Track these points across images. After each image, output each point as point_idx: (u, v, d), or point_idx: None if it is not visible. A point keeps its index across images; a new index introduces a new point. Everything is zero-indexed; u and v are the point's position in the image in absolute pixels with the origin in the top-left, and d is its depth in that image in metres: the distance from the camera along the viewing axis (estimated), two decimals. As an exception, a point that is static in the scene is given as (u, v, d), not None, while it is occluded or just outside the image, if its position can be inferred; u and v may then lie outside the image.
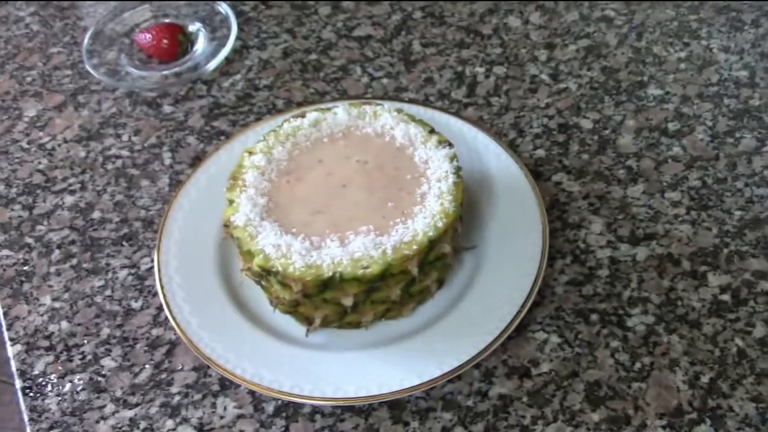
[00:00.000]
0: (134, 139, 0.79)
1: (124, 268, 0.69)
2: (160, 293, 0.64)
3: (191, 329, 0.63)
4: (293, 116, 0.67)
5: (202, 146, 0.77)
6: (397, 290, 0.59)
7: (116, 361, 0.63)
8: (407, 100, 0.79)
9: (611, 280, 0.65)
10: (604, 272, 0.66)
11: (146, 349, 0.64)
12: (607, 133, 0.75)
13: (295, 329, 0.63)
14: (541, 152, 0.74)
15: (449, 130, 0.71)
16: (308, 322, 0.62)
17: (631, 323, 0.63)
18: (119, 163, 0.77)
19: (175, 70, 0.84)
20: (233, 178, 0.63)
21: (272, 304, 0.63)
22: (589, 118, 0.77)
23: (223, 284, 0.66)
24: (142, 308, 0.66)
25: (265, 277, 0.59)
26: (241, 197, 0.61)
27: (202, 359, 0.61)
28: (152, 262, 0.69)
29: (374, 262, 0.57)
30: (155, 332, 0.65)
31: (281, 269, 0.57)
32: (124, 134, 0.79)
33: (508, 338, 0.60)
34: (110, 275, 0.69)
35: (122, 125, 0.80)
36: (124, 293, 0.67)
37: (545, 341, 0.62)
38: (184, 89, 0.83)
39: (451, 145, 0.64)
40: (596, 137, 0.75)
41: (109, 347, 0.64)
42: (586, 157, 0.74)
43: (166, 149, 0.78)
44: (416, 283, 0.60)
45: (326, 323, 0.61)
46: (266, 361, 0.61)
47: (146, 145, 0.78)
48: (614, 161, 0.73)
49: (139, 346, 0.64)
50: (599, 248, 0.67)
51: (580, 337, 0.62)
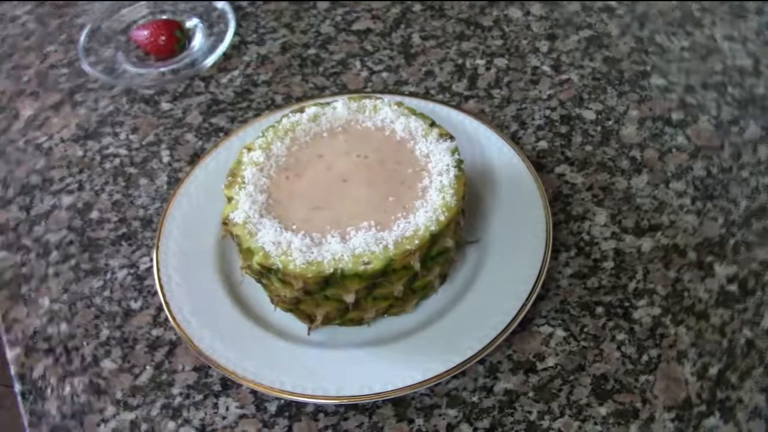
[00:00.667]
0: (132, 137, 0.78)
1: (123, 268, 0.68)
2: (159, 293, 0.63)
3: (191, 329, 0.62)
4: (292, 111, 0.66)
5: (200, 143, 0.76)
6: (399, 286, 0.59)
7: (116, 362, 0.63)
8: (407, 93, 0.78)
9: (616, 272, 0.65)
10: (609, 264, 0.65)
11: (146, 350, 0.63)
12: (610, 123, 0.74)
13: (296, 327, 0.62)
14: (543, 144, 0.73)
15: (450, 123, 0.70)
16: (310, 319, 0.61)
17: (637, 315, 0.62)
18: (117, 161, 0.76)
19: (172, 66, 0.83)
20: (232, 175, 0.62)
21: (273, 302, 0.62)
22: (591, 109, 0.76)
23: (223, 283, 0.65)
24: (141, 309, 0.66)
25: (265, 274, 0.58)
26: (240, 194, 0.60)
27: (202, 359, 0.60)
28: (151, 261, 0.68)
29: (375, 257, 0.56)
30: (155, 333, 0.64)
31: (282, 266, 0.56)
32: (121, 132, 0.78)
33: (512, 333, 0.60)
34: (109, 276, 0.68)
35: (120, 123, 0.79)
36: (123, 294, 0.67)
37: (550, 335, 0.62)
38: (182, 86, 0.82)
39: (452, 138, 0.63)
40: (599, 128, 0.74)
41: (108, 349, 0.63)
42: (589, 148, 0.73)
43: (164, 147, 0.77)
44: (419, 278, 0.59)
45: (328, 320, 0.60)
46: (268, 360, 0.60)
47: (144, 143, 0.77)
48: (618, 152, 0.72)
49: (139, 347, 0.63)
50: (604, 240, 0.66)
51: (585, 330, 0.62)
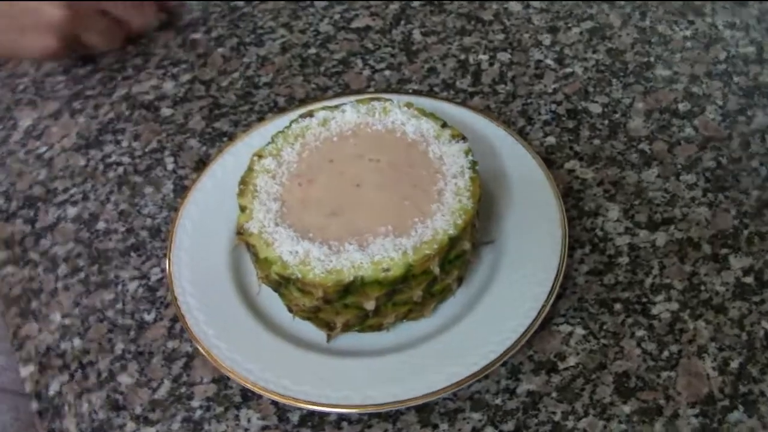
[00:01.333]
0: (134, 144, 0.77)
1: (134, 279, 0.67)
2: (174, 304, 0.62)
3: (209, 341, 0.61)
4: (300, 116, 0.65)
5: (204, 149, 0.76)
6: (419, 291, 0.58)
7: (133, 377, 0.62)
8: (411, 91, 0.78)
9: (632, 267, 0.64)
10: (624, 260, 0.65)
11: (163, 363, 0.62)
12: (617, 116, 0.74)
13: (315, 335, 0.62)
14: (551, 139, 0.73)
15: (460, 122, 0.69)
16: (329, 327, 0.61)
17: (655, 311, 0.62)
18: (121, 170, 0.75)
19: None
20: (243, 183, 0.61)
21: (291, 310, 0.61)
22: (597, 102, 0.75)
23: (238, 292, 0.64)
24: (155, 320, 0.65)
25: (283, 284, 0.58)
26: (253, 203, 0.60)
27: (221, 371, 0.59)
28: (162, 272, 0.67)
29: (395, 264, 0.55)
30: (171, 345, 0.63)
31: (301, 276, 0.55)
32: (123, 140, 0.77)
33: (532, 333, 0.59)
34: (120, 288, 0.67)
35: (121, 131, 0.78)
36: (135, 306, 0.66)
37: (570, 334, 0.61)
38: (182, 90, 0.80)
39: (464, 138, 0.62)
40: (606, 122, 0.74)
41: (124, 363, 0.63)
42: (597, 142, 0.72)
43: (167, 153, 0.76)
44: (438, 282, 0.59)
45: (347, 327, 0.60)
46: (288, 369, 0.60)
47: (147, 150, 0.76)
48: (626, 145, 0.72)
49: (155, 360, 0.63)
50: (618, 235, 0.66)
51: (605, 327, 0.61)
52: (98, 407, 0.60)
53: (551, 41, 0.81)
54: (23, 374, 0.63)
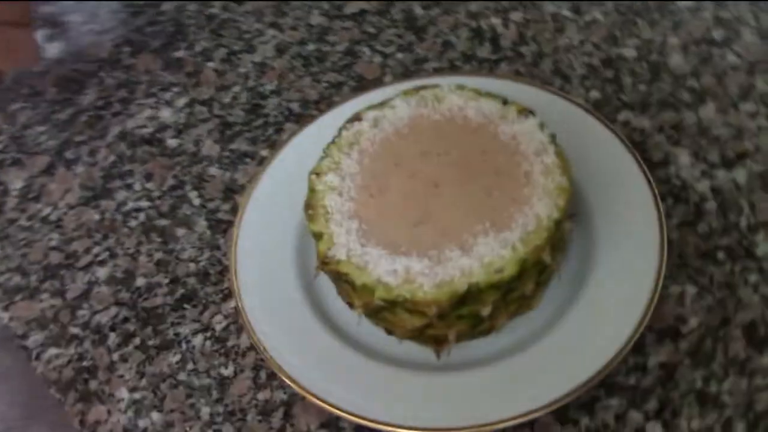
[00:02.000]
0: (148, 185, 0.70)
1: (196, 334, 0.61)
2: (260, 351, 0.56)
3: (307, 381, 0.55)
4: (348, 121, 0.59)
5: (228, 174, 0.69)
6: (531, 284, 0.54)
7: (233, 440, 0.56)
8: (432, 70, 0.72)
9: (722, 211, 0.61)
10: (711, 205, 0.62)
11: (260, 418, 0.57)
12: (654, 57, 0.70)
13: (414, 355, 0.57)
14: (595, 93, 0.69)
15: (516, 96, 0.64)
16: (437, 342, 0.56)
17: (760, 252, 0.59)
18: (143, 216, 0.68)
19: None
20: (310, 207, 0.55)
21: (390, 333, 0.56)
22: (629, 45, 0.72)
23: (323, 324, 0.58)
24: (236, 374, 0.59)
25: (388, 308, 0.52)
26: (329, 226, 0.54)
27: (330, 411, 0.54)
28: (226, 318, 0.61)
29: (507, 262, 0.51)
30: (262, 396, 0.58)
31: (410, 296, 0.50)
32: (135, 183, 0.70)
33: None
34: (185, 346, 0.61)
35: (129, 173, 0.71)
36: (208, 362, 0.59)
37: (682, 294, 0.58)
38: (182, 116, 0.73)
39: (533, 112, 0.58)
40: (645, 64, 0.70)
41: (217, 428, 0.56)
42: (643, 87, 0.69)
43: (189, 188, 0.69)
44: (546, 270, 0.55)
45: (459, 339, 0.55)
46: (399, 396, 0.55)
47: (165, 188, 0.69)
48: (674, 85, 0.68)
49: (250, 417, 0.57)
50: (696, 181, 0.63)
51: (715, 280, 0.58)
52: (205, 483, 0.54)
53: (561, -10, 0.77)
54: (106, 465, 0.57)
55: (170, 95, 0.75)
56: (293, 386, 0.54)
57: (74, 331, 0.63)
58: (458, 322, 0.53)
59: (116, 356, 0.61)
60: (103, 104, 0.76)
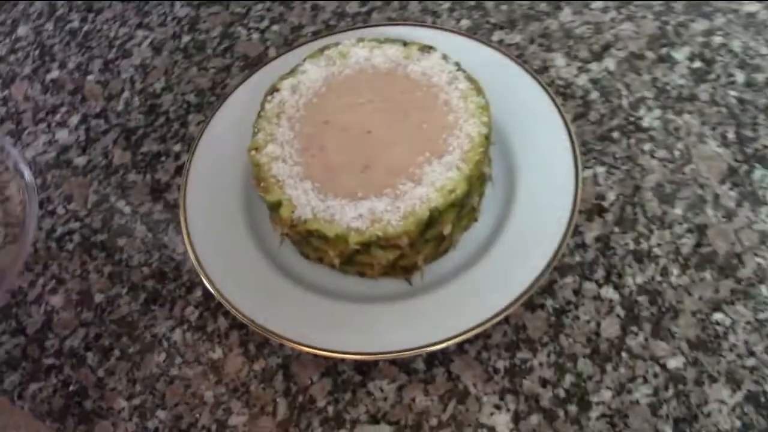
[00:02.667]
0: (72, 207, 0.69)
1: (173, 329, 0.63)
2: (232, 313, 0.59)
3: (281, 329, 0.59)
4: (267, 94, 0.63)
5: (149, 176, 0.70)
6: (477, 196, 0.60)
7: (244, 413, 0.58)
8: (310, 35, 0.76)
9: (604, 97, 0.70)
10: (595, 95, 0.70)
11: (263, 386, 0.59)
12: (505, -22, 0.78)
13: (389, 285, 0.61)
14: (465, 22, 0.75)
15: (412, 39, 0.68)
16: (407, 272, 0.61)
17: (646, 122, 0.68)
18: (77, 237, 0.68)
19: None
20: (261, 180, 0.58)
21: (363, 275, 0.61)
22: (481, -28, 0.79)
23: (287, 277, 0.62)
24: (225, 354, 0.61)
25: (362, 251, 0.57)
26: (286, 192, 0.57)
27: (325, 355, 0.58)
28: (196, 309, 0.63)
29: (457, 182, 0.56)
30: (257, 366, 0.60)
31: (382, 234, 0.55)
32: (56, 208, 0.69)
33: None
34: (166, 344, 0.62)
35: (47, 200, 0.70)
36: (195, 351, 0.61)
37: (595, 176, 0.66)
38: (81, 134, 0.73)
39: (431, 48, 0.63)
40: (500, -14, 0.77)
41: (227, 407, 0.59)
42: (505, 7, 0.76)
43: (115, 199, 0.69)
44: (485, 180, 0.61)
45: (426, 261, 0.60)
46: (378, 325, 0.59)
47: (90, 206, 0.69)
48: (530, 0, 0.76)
49: (253, 387, 0.60)
50: (575, 78, 0.71)
51: (617, 156, 0.67)
52: (234, 458, 0.57)
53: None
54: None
55: (60, 116, 0.75)
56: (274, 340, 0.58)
57: (49, 361, 0.63)
58: (425, 246, 0.58)
59: (101, 372, 0.62)
60: (-10, 142, 0.75)
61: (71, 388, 0.61)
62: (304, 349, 0.57)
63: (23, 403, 0.61)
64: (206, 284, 0.59)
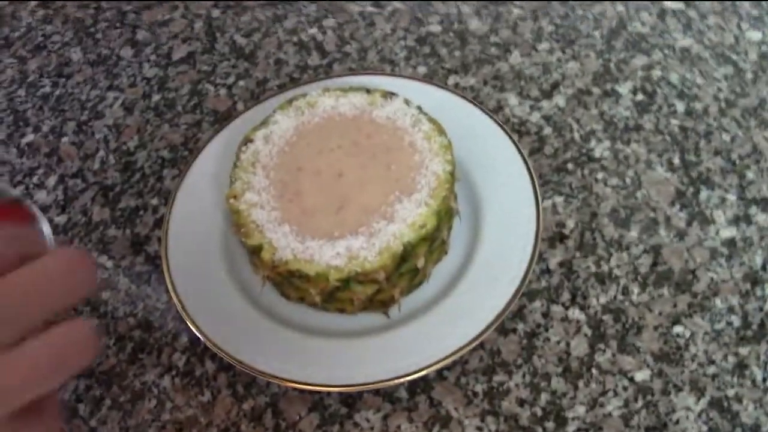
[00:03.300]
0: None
1: (162, 376, 0.65)
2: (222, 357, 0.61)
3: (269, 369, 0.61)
4: (242, 145, 0.66)
5: (129, 230, 0.72)
6: (445, 230, 0.63)
7: (238, 451, 0.61)
8: (276, 87, 0.80)
9: (557, 131, 0.74)
10: (548, 130, 0.74)
11: (253, 424, 0.62)
12: (456, 26, 0.83)
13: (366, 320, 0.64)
14: (422, 69, 0.80)
15: (365, 86, 0.72)
16: (384, 305, 0.64)
17: (597, 153, 0.72)
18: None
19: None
20: (242, 225, 0.61)
21: (343, 311, 0.64)
22: (433, 22, 0.83)
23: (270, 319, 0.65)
24: (214, 396, 0.63)
25: (341, 287, 0.60)
26: (266, 236, 0.60)
27: (312, 388, 0.60)
28: (183, 354, 0.65)
29: (427, 217, 0.60)
30: (247, 406, 0.63)
31: (360, 269, 0.58)
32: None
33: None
34: (155, 391, 0.64)
35: None
36: (185, 396, 0.63)
37: (554, 205, 0.70)
38: (57, 195, 0.75)
39: (394, 94, 0.67)
40: (452, 34, 0.82)
41: (218, 447, 0.61)
42: (458, 53, 0.80)
43: (97, 254, 0.71)
44: (452, 215, 0.65)
45: (401, 294, 0.64)
46: (358, 359, 0.62)
47: (71, 263, 0.71)
48: (481, 44, 0.81)
49: (243, 427, 0.62)
50: (528, 115, 0.76)
51: (573, 186, 0.71)
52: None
53: (359, -8, 0.87)
54: None
55: (37, 178, 0.77)
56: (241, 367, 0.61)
57: (39, 417, 0.64)
58: (401, 279, 0.62)
59: (94, 422, 0.63)
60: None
61: (64, 439, 0.63)
62: (290, 385, 0.60)
63: (17, 458, 0.62)
64: (192, 329, 0.62)
